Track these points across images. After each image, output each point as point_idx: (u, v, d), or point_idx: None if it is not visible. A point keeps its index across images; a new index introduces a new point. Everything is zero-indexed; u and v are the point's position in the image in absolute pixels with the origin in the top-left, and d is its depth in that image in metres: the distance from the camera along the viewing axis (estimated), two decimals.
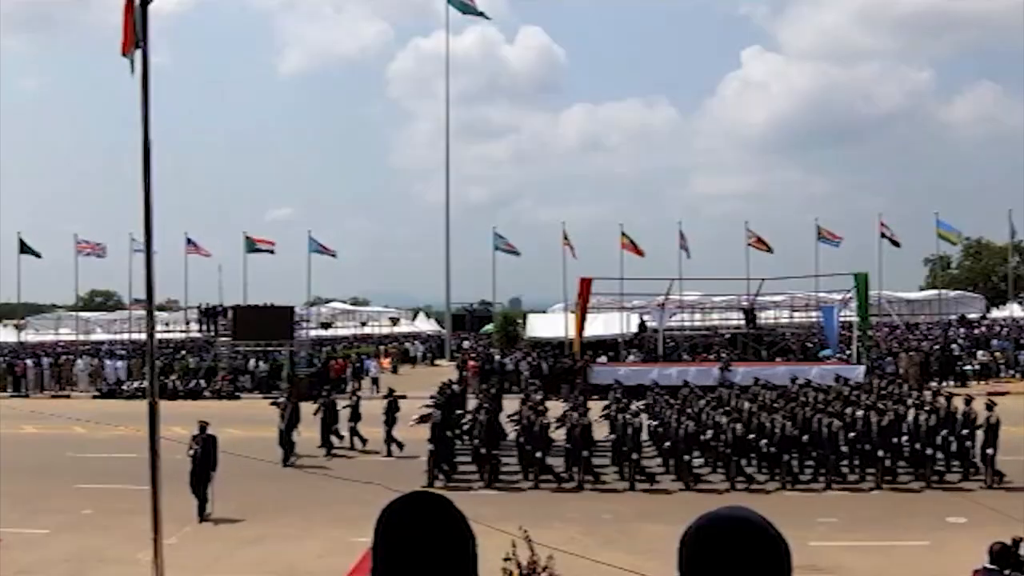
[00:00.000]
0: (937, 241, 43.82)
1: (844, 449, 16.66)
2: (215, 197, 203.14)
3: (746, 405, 19.07)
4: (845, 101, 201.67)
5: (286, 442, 19.65)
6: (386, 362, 41.29)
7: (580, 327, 34.61)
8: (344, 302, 73.76)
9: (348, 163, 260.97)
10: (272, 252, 43.11)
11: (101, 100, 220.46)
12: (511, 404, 21.30)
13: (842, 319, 36.77)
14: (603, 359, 35.22)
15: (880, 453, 16.44)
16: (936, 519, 14.10)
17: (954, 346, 36.25)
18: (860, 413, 17.15)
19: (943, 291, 51.87)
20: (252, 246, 42.44)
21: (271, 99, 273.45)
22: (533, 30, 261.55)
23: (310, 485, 17.47)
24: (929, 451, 16.57)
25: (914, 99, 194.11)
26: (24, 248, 44.47)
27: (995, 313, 52.29)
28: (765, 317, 41.03)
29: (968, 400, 17.33)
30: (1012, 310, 49.47)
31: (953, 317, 48.70)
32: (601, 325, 37.70)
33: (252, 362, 36.01)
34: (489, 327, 51.78)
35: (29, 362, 36.94)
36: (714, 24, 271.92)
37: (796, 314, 42.03)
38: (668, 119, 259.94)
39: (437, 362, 47.11)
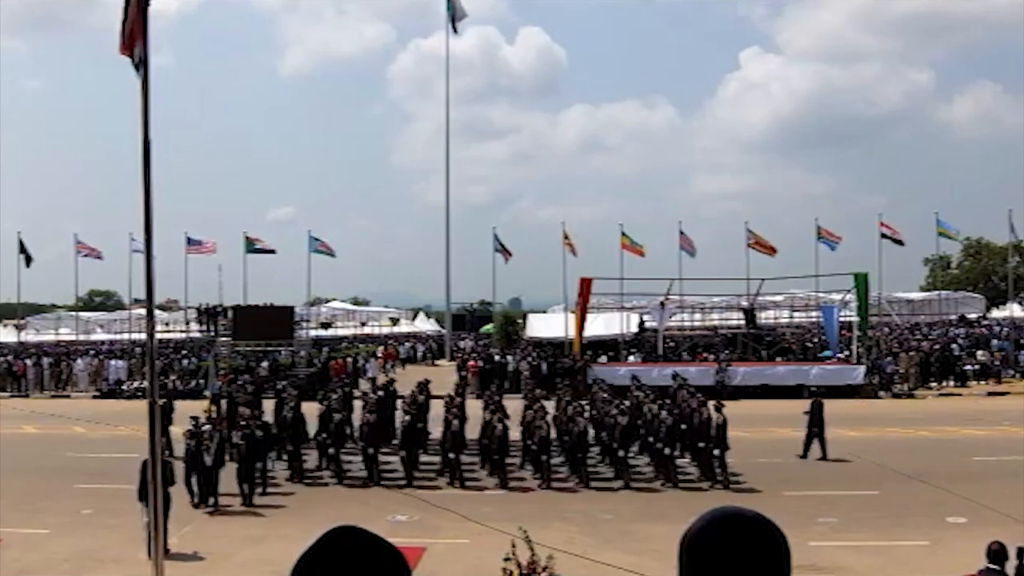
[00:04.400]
0: (937, 241, 43.81)
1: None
2: (216, 197, 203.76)
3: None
4: (845, 102, 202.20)
5: (209, 477, 15.39)
6: (379, 363, 41.25)
7: (580, 327, 34.62)
8: (344, 302, 73.77)
9: (350, 163, 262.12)
10: (273, 252, 43.19)
11: (103, 100, 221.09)
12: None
13: (842, 319, 36.79)
14: (603, 359, 35.24)
15: (621, 453, 17.21)
16: (936, 519, 14.09)
17: (954, 346, 36.26)
18: (615, 412, 17.81)
19: (943, 291, 51.92)
20: (251, 246, 42.45)
21: (273, 99, 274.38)
22: (534, 31, 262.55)
23: (310, 486, 17.45)
24: (667, 451, 17.18)
25: (914, 100, 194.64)
26: (23, 250, 44.50)
27: (995, 313, 52.31)
28: (765, 317, 41.04)
29: (703, 402, 17.88)
30: (1012, 310, 49.47)
31: (953, 317, 48.73)
32: (601, 325, 37.70)
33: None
34: (489, 327, 51.78)
35: (29, 362, 36.93)
36: (714, 25, 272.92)
37: (796, 314, 42.05)
38: (668, 120, 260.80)
39: (437, 362, 47.09)
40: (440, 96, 49.45)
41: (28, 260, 44.63)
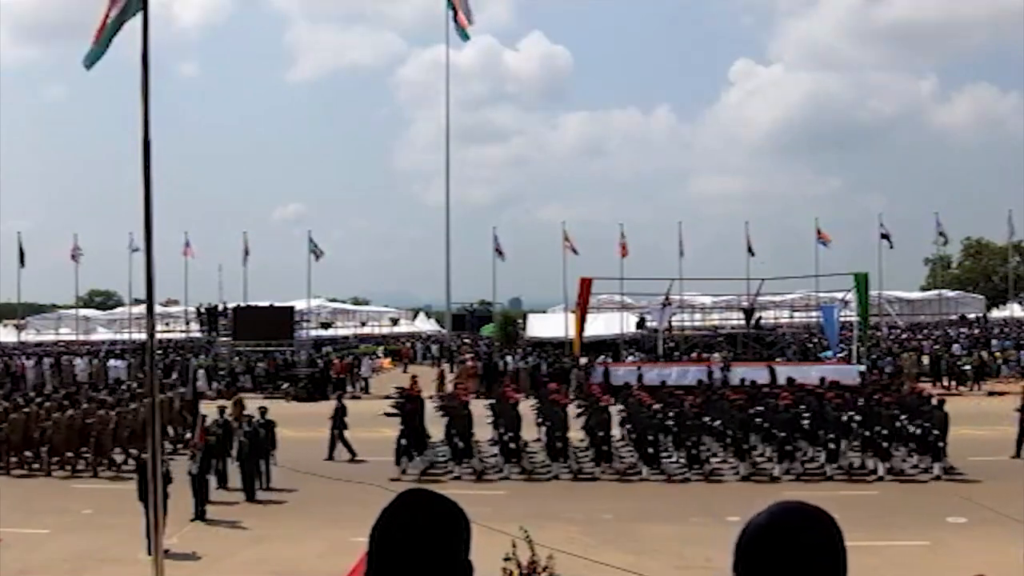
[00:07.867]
0: (937, 241, 43.94)
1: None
2: (219, 198, 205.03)
3: None
4: (847, 104, 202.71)
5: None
6: (387, 362, 41.22)
7: (580, 327, 34.60)
8: (344, 302, 73.77)
9: (355, 165, 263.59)
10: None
11: (105, 101, 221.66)
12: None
13: (842, 319, 36.79)
14: (601, 358, 35.22)
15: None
16: (936, 519, 14.08)
17: (955, 346, 36.26)
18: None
19: (943, 291, 51.92)
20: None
21: (282, 104, 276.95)
22: (537, 37, 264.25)
23: (310, 485, 17.46)
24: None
25: (914, 102, 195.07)
26: (21, 251, 44.63)
27: (995, 313, 52.35)
28: (765, 317, 41.05)
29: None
30: (1012, 310, 49.56)
31: (953, 317, 48.76)
32: (601, 325, 37.70)
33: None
34: (489, 327, 51.78)
35: (29, 362, 36.89)
36: (717, 32, 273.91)
37: (796, 314, 42.06)
38: (670, 124, 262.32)
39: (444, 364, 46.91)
40: (443, 100, 49.57)
41: (22, 263, 44.77)
